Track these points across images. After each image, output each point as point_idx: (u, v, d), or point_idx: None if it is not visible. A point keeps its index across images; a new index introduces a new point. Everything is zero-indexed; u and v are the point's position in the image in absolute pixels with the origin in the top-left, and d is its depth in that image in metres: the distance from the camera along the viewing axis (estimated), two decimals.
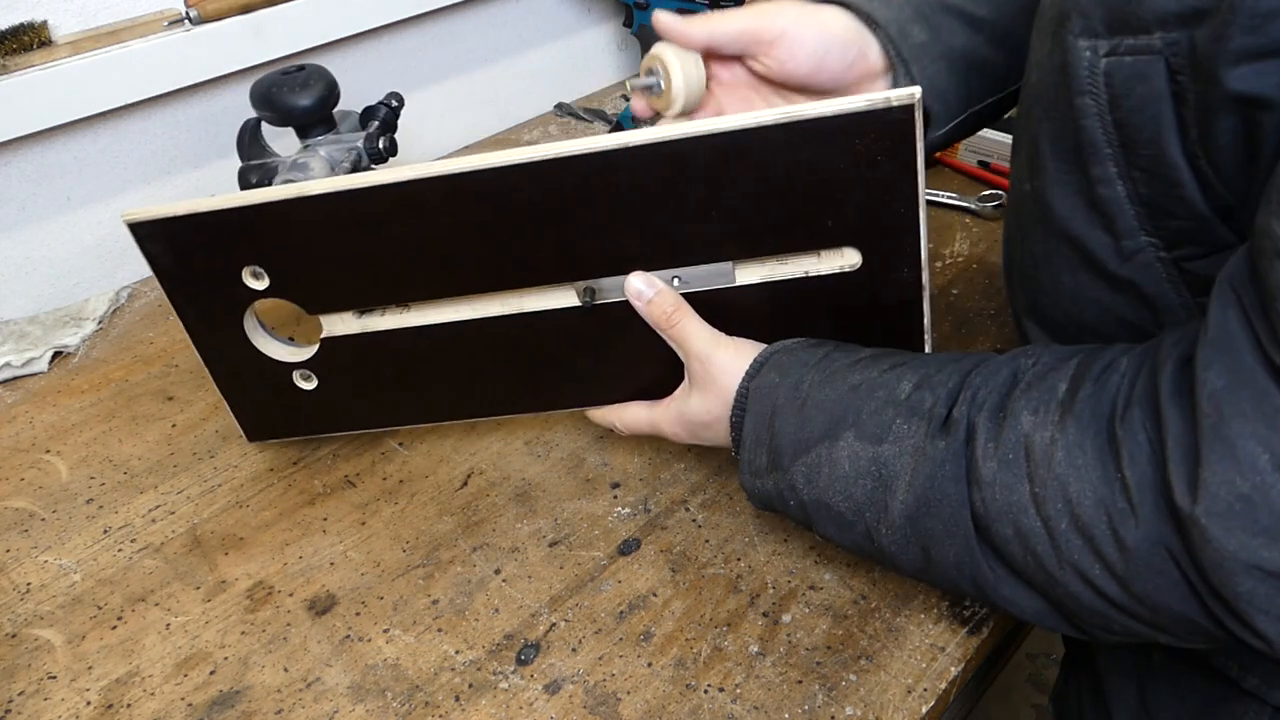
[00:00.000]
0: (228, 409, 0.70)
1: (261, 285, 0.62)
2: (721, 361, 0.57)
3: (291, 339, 0.68)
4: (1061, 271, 0.51)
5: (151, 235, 0.60)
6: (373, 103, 0.83)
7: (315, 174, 0.73)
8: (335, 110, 0.81)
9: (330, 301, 0.63)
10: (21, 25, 0.82)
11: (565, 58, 1.25)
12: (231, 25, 0.90)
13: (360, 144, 0.75)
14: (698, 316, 0.59)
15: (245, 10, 0.90)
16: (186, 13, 0.89)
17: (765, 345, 0.58)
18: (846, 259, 0.58)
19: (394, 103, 0.81)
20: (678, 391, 0.62)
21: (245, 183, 0.76)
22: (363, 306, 0.64)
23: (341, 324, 0.65)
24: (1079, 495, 0.41)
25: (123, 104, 0.87)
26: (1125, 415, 0.40)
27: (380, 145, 0.75)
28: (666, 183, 0.54)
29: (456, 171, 0.55)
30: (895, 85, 0.58)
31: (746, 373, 0.56)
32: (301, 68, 0.79)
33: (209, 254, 0.61)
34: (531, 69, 1.22)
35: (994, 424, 0.45)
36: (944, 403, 0.47)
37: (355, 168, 0.73)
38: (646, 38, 1.03)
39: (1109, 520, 0.40)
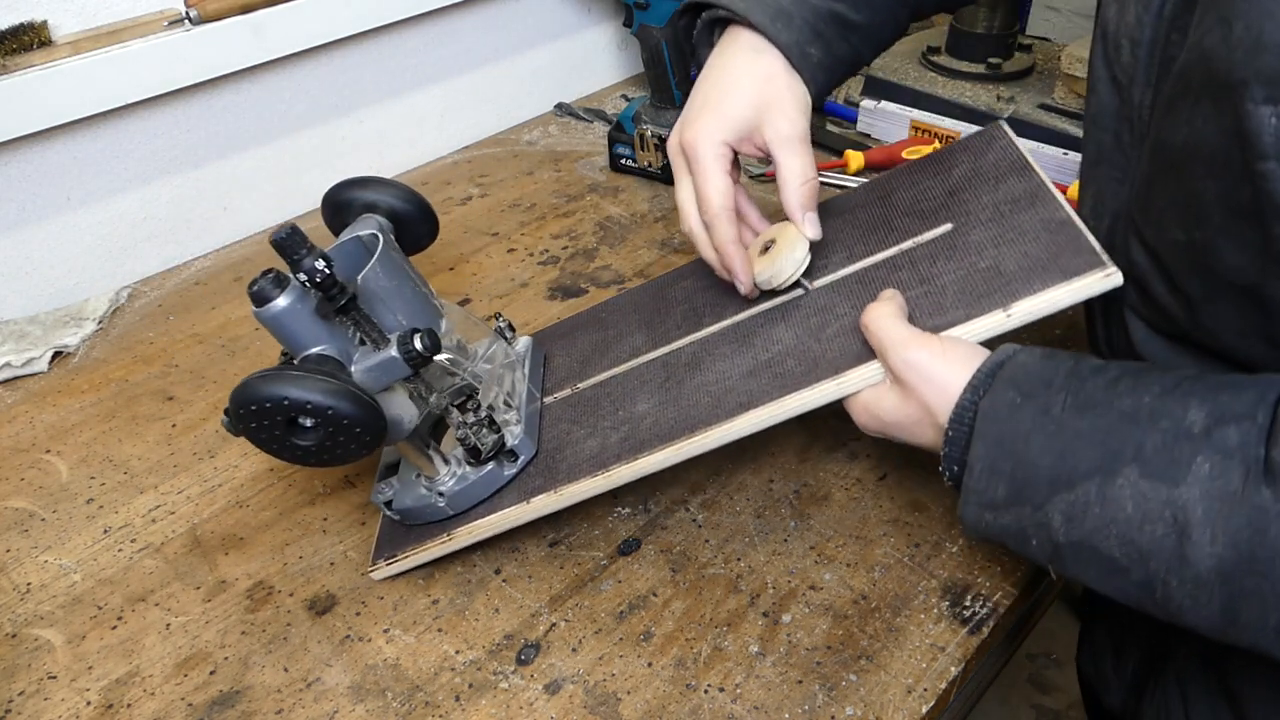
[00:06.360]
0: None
1: None
2: (921, 365, 0.52)
3: None
4: (1229, 315, 0.48)
5: None
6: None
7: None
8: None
9: None
10: (21, 25, 0.82)
11: (565, 58, 1.25)
12: (231, 25, 0.90)
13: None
14: (897, 312, 0.56)
15: (245, 10, 0.91)
16: (186, 13, 0.89)
17: (979, 348, 0.53)
18: None
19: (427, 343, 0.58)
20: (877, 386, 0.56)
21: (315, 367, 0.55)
22: None
23: None
24: None
25: (123, 104, 0.87)
26: None
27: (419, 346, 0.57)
28: None
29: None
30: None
31: (970, 384, 0.50)
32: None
33: None
34: (531, 69, 1.22)
35: None
36: (1256, 441, 0.41)
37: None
38: (646, 38, 1.02)
39: None
